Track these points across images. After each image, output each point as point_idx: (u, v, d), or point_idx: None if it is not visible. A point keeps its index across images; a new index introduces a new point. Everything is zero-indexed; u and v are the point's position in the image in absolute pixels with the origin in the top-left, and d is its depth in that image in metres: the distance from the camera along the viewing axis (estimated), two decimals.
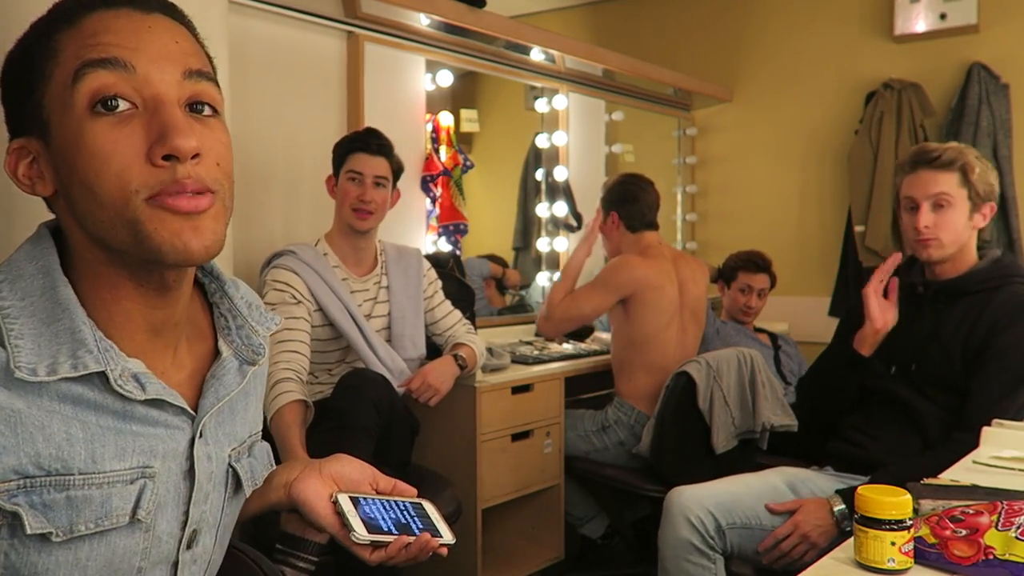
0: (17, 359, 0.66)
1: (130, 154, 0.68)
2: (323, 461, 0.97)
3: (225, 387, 0.81)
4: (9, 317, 0.68)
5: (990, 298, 1.73)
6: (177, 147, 0.67)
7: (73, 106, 0.68)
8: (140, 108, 0.69)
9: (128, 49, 0.69)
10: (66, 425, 0.69)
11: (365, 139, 2.07)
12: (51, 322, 0.69)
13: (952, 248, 1.77)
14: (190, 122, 0.70)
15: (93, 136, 0.67)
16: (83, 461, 0.69)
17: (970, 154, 1.77)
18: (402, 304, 2.16)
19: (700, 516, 1.70)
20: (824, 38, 3.68)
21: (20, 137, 0.73)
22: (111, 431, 0.71)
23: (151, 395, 0.72)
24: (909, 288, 1.85)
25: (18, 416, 0.66)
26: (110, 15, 0.70)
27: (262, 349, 0.86)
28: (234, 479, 0.85)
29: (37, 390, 0.68)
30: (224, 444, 0.83)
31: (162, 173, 0.68)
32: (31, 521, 0.67)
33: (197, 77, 0.72)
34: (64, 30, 0.70)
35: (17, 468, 0.66)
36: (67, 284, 0.71)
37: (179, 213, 0.68)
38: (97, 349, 0.70)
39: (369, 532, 0.87)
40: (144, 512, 0.73)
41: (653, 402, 2.44)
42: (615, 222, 2.64)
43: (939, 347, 1.75)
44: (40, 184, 0.73)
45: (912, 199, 1.78)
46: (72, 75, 0.68)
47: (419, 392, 2.03)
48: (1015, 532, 0.89)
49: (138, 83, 0.69)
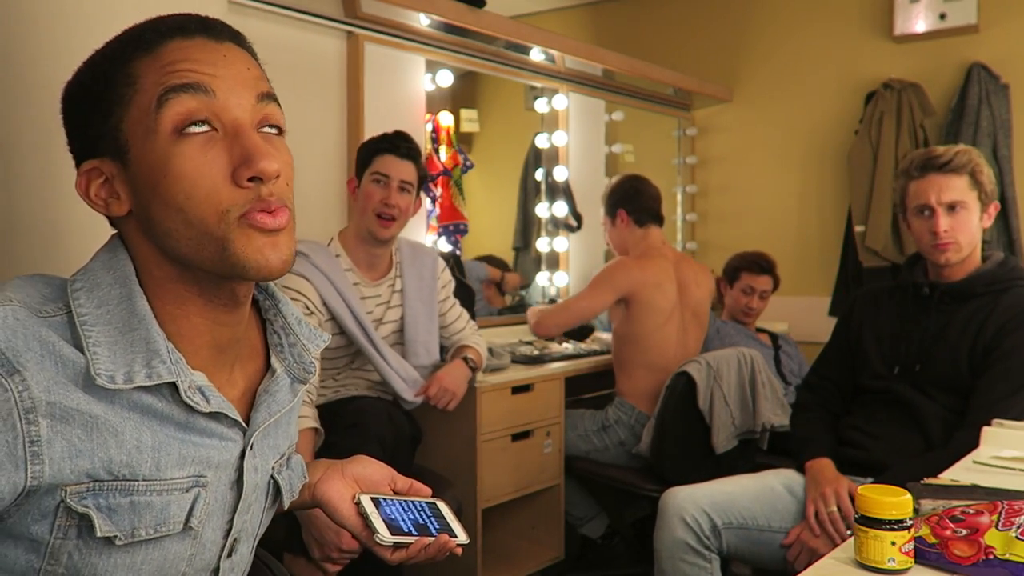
0: (96, 366, 0.69)
1: (217, 176, 0.71)
2: (345, 462, 1.00)
3: (278, 403, 0.84)
4: (87, 324, 0.71)
5: (997, 300, 1.74)
6: (263, 170, 0.71)
7: (157, 131, 0.71)
8: (220, 132, 0.72)
9: (208, 75, 0.72)
10: (137, 432, 0.71)
11: (394, 141, 1.99)
12: (127, 331, 0.72)
13: (968, 250, 1.77)
14: (268, 144, 0.74)
15: (181, 159, 0.70)
16: (149, 468, 0.72)
17: (976, 155, 1.78)
18: (416, 309, 2.09)
19: (695, 516, 1.70)
20: (824, 38, 3.68)
21: (91, 159, 0.75)
22: (175, 440, 0.74)
23: (214, 408, 0.76)
24: (914, 289, 1.84)
25: (95, 421, 0.69)
26: (187, 44, 0.73)
27: (312, 367, 0.88)
28: (274, 490, 0.89)
29: (112, 397, 0.70)
30: (269, 456, 0.86)
31: (248, 193, 0.72)
32: (101, 524, 0.70)
33: (267, 100, 0.76)
34: (142, 57, 0.72)
35: (90, 472, 0.69)
36: (143, 295, 0.74)
37: (264, 230, 0.73)
38: (170, 360, 0.72)
39: (392, 534, 0.91)
40: (196, 520, 0.76)
41: (653, 402, 2.45)
42: (624, 220, 2.66)
43: (945, 348, 1.75)
44: (115, 204, 0.75)
45: (926, 204, 1.77)
46: (155, 101, 0.71)
47: (436, 398, 2.01)
48: (1015, 532, 0.89)
49: (218, 108, 0.72)
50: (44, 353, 0.67)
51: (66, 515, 0.69)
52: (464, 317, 2.25)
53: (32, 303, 0.70)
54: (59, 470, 0.67)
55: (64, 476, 0.68)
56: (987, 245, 3.21)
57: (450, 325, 2.20)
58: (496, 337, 2.89)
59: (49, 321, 0.70)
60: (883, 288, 1.96)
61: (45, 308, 0.70)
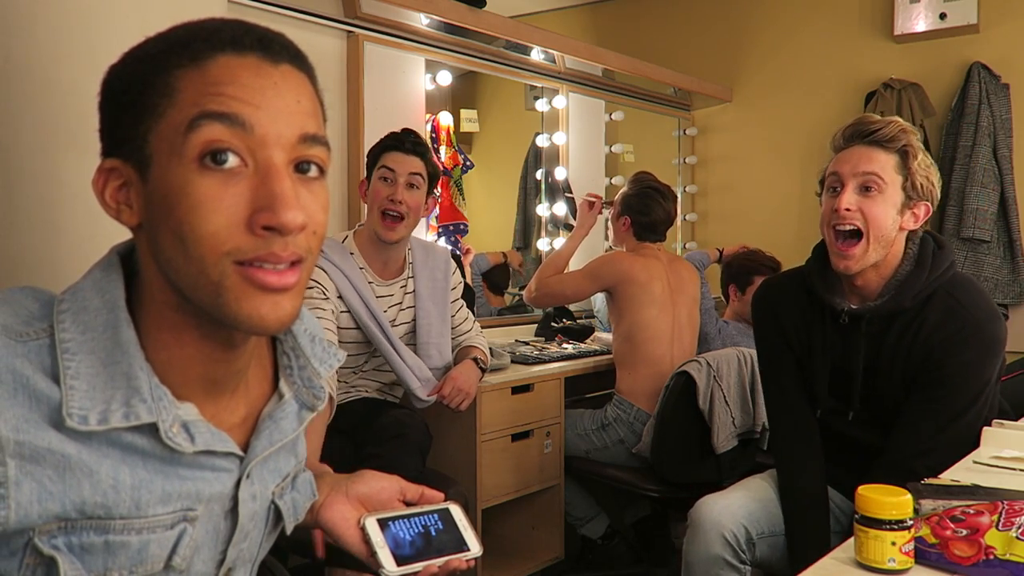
0: (71, 404, 0.64)
1: (232, 215, 0.65)
2: (349, 482, 0.96)
3: (281, 431, 0.80)
4: (68, 352, 0.66)
5: (923, 314, 1.50)
6: (284, 224, 0.65)
7: (183, 155, 0.65)
8: (250, 168, 0.66)
9: (250, 106, 0.66)
10: (115, 471, 0.67)
11: (399, 137, 1.98)
12: (109, 363, 0.67)
13: (874, 255, 1.49)
14: (297, 189, 0.67)
15: (198, 189, 0.64)
16: (127, 507, 0.68)
17: (915, 139, 1.51)
18: (428, 310, 2.08)
19: (733, 530, 1.57)
20: (824, 38, 3.68)
21: (114, 158, 0.69)
22: (158, 475, 0.69)
23: (200, 447, 0.71)
24: (833, 315, 1.57)
25: (67, 461, 0.65)
26: (236, 62, 0.67)
27: (322, 393, 0.83)
28: (275, 515, 0.84)
29: (87, 435, 0.66)
30: (269, 482, 0.81)
31: (258, 242, 0.65)
32: (67, 568, 0.66)
33: (311, 142, 0.69)
34: (186, 68, 0.66)
35: (60, 514, 0.65)
36: (130, 324, 0.69)
37: (264, 288, 0.66)
38: (151, 398, 0.68)
39: (398, 564, 0.88)
40: (180, 558, 0.72)
41: (652, 400, 2.45)
42: (626, 225, 2.68)
43: (881, 380, 1.54)
44: (127, 213, 0.70)
45: (838, 176, 1.51)
46: (188, 123, 0.65)
47: (451, 397, 2.00)
48: (1016, 532, 0.89)
49: (253, 143, 0.66)
50: (16, 387, 0.63)
51: (33, 555, 0.65)
52: (470, 318, 2.25)
53: (13, 324, 0.66)
54: (26, 514, 0.63)
55: (31, 519, 0.63)
56: (988, 244, 3.20)
57: (458, 326, 2.21)
58: (496, 337, 2.89)
59: (28, 346, 0.65)
60: (794, 293, 1.66)
61: (27, 330, 0.66)
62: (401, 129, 2.04)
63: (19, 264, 1.27)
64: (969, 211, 3.18)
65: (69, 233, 1.31)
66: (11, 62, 1.24)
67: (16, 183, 1.27)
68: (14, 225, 1.27)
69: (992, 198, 3.19)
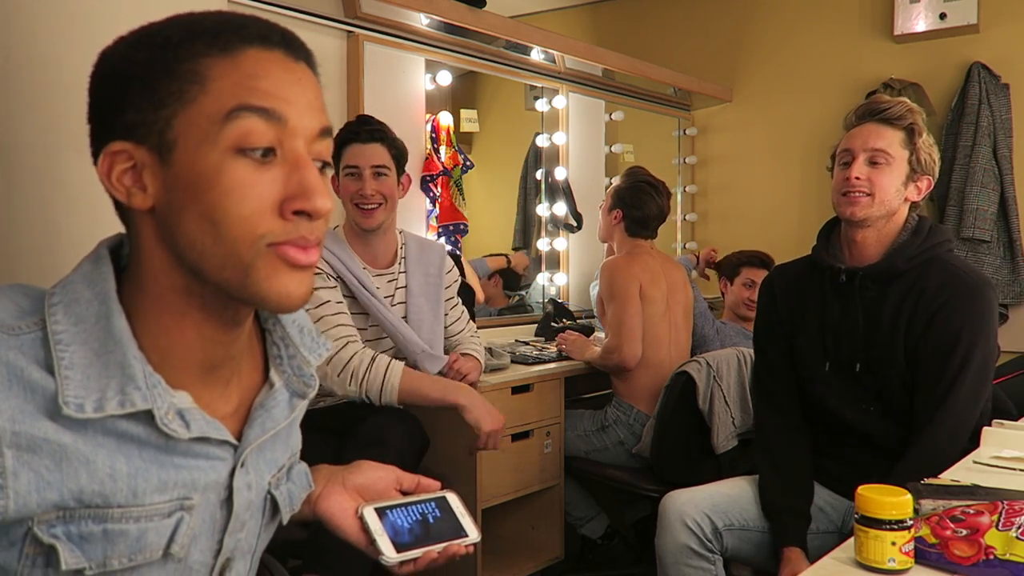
0: (66, 393, 0.65)
1: (265, 200, 0.68)
2: (346, 472, 0.97)
3: (273, 420, 0.81)
4: (61, 344, 0.67)
5: (923, 281, 1.58)
6: (318, 208, 0.69)
7: (217, 143, 0.67)
8: (279, 157, 0.69)
9: (283, 101, 0.69)
10: (111, 459, 0.68)
11: (355, 128, 1.95)
12: (102, 353, 0.68)
13: (879, 210, 1.60)
14: (323, 181, 0.72)
15: (234, 175, 0.67)
16: (124, 496, 0.69)
17: (921, 119, 1.63)
18: (420, 306, 2.05)
19: (696, 519, 1.66)
20: (824, 38, 3.68)
21: (122, 140, 0.69)
22: (154, 464, 0.71)
23: (195, 433, 0.72)
24: (832, 274, 1.67)
25: (64, 451, 0.66)
26: (265, 56, 0.69)
27: (313, 381, 0.85)
28: (272, 505, 0.85)
29: (83, 424, 0.67)
30: (264, 472, 0.82)
31: (289, 226, 0.69)
32: (67, 557, 0.66)
33: (327, 135, 0.73)
34: (216, 58, 0.68)
35: (58, 503, 0.66)
36: (122, 314, 0.70)
37: (293, 265, 0.70)
38: (145, 385, 0.69)
39: (398, 551, 0.89)
40: (178, 546, 0.73)
41: (652, 401, 2.45)
42: (617, 219, 2.66)
43: (882, 340, 1.59)
44: (138, 196, 0.70)
45: (850, 151, 1.63)
46: (226, 113, 0.67)
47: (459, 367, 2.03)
48: (1016, 532, 0.89)
49: (286, 135, 0.69)
50: (11, 379, 0.64)
51: (33, 544, 0.66)
52: (464, 319, 2.23)
53: (5, 319, 0.67)
54: (25, 504, 0.64)
55: (30, 508, 0.65)
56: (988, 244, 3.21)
57: (451, 325, 2.18)
58: (496, 337, 2.89)
59: (21, 339, 0.66)
60: (797, 271, 1.77)
61: (19, 324, 0.67)
62: (355, 118, 2.03)
63: (19, 264, 1.27)
64: (969, 211, 3.18)
65: (69, 233, 1.31)
66: (11, 62, 1.24)
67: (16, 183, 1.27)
68: (14, 225, 1.27)
69: (992, 198, 3.18)
